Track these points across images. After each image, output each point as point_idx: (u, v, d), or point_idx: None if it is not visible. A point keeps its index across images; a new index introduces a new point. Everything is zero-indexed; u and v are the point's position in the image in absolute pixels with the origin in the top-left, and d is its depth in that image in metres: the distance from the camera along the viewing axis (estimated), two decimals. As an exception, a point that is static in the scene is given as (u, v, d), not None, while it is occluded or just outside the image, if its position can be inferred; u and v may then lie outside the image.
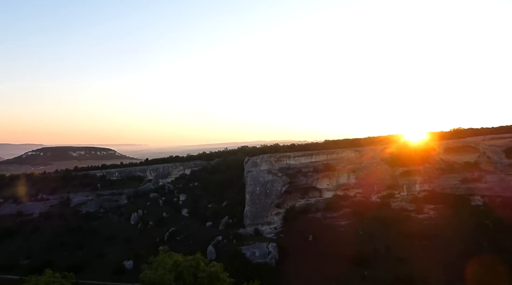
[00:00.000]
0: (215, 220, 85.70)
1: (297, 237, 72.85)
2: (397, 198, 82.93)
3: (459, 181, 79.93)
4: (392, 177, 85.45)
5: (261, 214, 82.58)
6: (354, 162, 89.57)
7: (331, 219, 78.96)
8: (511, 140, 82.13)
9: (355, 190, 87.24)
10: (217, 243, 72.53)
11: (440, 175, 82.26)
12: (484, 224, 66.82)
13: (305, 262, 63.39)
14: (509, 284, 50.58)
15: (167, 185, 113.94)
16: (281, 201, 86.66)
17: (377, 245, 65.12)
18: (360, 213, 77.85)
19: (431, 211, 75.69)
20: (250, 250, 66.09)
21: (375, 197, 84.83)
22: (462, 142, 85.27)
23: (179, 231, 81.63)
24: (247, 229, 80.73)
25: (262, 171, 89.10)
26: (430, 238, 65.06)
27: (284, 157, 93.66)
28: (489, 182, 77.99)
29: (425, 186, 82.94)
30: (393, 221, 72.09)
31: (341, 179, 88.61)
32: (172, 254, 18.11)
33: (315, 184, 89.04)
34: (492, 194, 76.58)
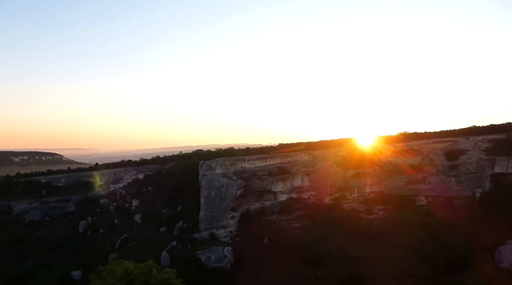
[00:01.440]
0: (170, 225, 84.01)
1: (253, 240, 73.18)
2: (348, 200, 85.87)
3: (405, 182, 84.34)
4: (344, 179, 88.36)
5: (216, 218, 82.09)
6: (307, 165, 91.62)
7: (285, 222, 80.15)
8: (451, 144, 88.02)
9: (309, 193, 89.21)
10: (171, 248, 71.11)
11: (388, 177, 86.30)
12: (427, 223, 70.98)
13: (260, 265, 63.75)
14: (448, 278, 54.04)
15: (119, 190, 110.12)
16: (236, 204, 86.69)
17: (330, 245, 66.93)
18: (313, 215, 79.73)
19: (380, 211, 79.18)
20: (205, 255, 65.41)
21: (328, 199, 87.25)
22: (407, 145, 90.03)
23: (132, 237, 79.12)
24: (203, 233, 79.91)
25: (217, 175, 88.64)
26: (379, 237, 67.99)
27: (239, 160, 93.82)
28: (431, 183, 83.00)
29: (374, 188, 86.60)
30: (345, 221, 74.55)
31: (295, 182, 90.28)
32: (123, 262, 17.51)
33: (270, 187, 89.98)
34: (434, 194, 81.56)
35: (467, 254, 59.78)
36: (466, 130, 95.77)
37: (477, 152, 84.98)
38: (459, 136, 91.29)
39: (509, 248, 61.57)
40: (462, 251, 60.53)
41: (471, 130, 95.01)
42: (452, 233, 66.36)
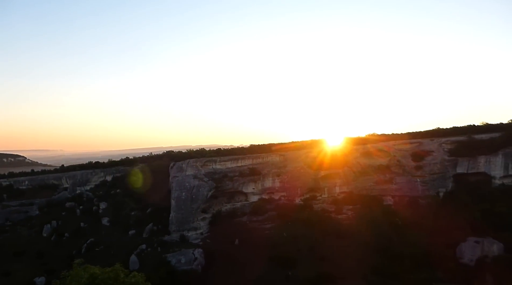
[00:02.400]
0: (139, 228, 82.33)
1: (224, 242, 72.92)
2: (319, 200, 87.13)
3: (374, 182, 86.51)
4: (314, 180, 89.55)
5: (187, 220, 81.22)
6: (278, 166, 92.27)
7: (257, 223, 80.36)
8: (416, 145, 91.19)
9: (280, 193, 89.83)
10: (140, 252, 69.71)
11: (357, 177, 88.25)
12: (394, 222, 73.17)
13: (231, 266, 63.62)
14: (414, 275, 55.87)
15: (86, 193, 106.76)
16: (207, 205, 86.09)
17: (300, 245, 67.64)
18: (284, 215, 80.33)
19: (349, 211, 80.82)
20: (175, 257, 64.56)
21: (298, 199, 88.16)
22: (376, 147, 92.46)
23: (99, 241, 76.94)
24: (173, 235, 78.84)
25: (188, 176, 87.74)
26: (348, 236, 69.41)
27: (210, 162, 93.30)
28: (398, 183, 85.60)
29: (344, 188, 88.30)
30: (315, 222, 75.59)
31: (267, 183, 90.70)
32: (88, 267, 16.97)
33: (241, 188, 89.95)
34: (401, 194, 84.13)
35: (431, 251, 62.00)
36: (431, 132, 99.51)
37: (441, 153, 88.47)
38: (424, 138, 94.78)
39: (470, 245, 64.41)
40: (426, 248, 62.73)
41: (436, 132, 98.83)
42: (417, 231, 68.65)
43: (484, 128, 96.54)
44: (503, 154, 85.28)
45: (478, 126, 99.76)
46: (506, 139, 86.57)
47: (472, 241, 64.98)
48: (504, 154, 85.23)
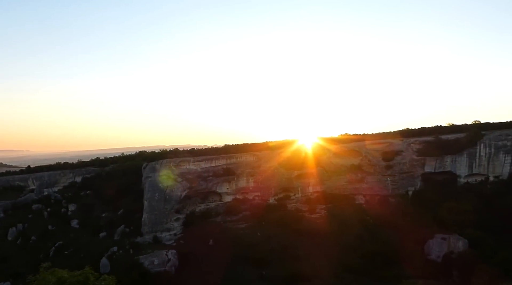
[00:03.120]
0: (110, 230, 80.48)
1: (198, 242, 72.36)
2: (292, 200, 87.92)
3: (346, 182, 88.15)
4: (288, 180, 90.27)
5: (160, 221, 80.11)
6: (252, 166, 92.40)
7: (231, 223, 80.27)
8: (387, 145, 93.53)
9: (254, 193, 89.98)
10: (111, 254, 68.15)
11: (330, 177, 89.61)
12: (366, 220, 74.89)
13: (205, 267, 63.26)
14: (384, 271, 57.37)
15: (54, 195, 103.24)
16: (181, 206, 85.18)
17: (274, 245, 68.10)
18: (258, 215, 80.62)
19: (322, 210, 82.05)
20: (148, 259, 63.53)
21: (272, 199, 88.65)
22: (348, 147, 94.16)
23: (68, 244, 74.65)
24: (146, 237, 77.55)
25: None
26: (321, 235, 70.44)
27: (184, 162, 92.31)
28: (369, 182, 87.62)
29: (317, 188, 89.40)
30: (289, 221, 76.28)
31: (241, 183, 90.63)
32: (56, 271, 16.41)
33: (215, 188, 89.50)
34: (372, 193, 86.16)
35: (400, 248, 63.83)
36: (400, 133, 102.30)
37: (410, 152, 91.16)
38: (394, 138, 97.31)
39: (437, 242, 66.80)
40: (396, 245, 64.55)
41: (405, 133, 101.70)
42: (388, 229, 70.54)
43: (450, 129, 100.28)
44: (468, 153, 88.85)
45: (445, 127, 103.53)
46: (470, 140, 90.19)
47: (439, 238, 67.39)
48: (468, 154, 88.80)
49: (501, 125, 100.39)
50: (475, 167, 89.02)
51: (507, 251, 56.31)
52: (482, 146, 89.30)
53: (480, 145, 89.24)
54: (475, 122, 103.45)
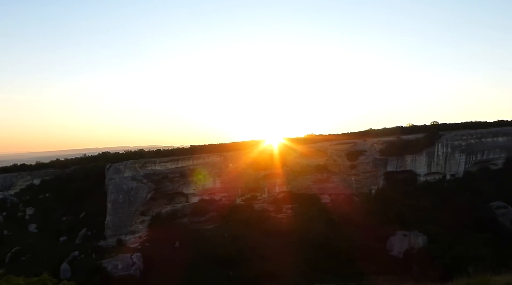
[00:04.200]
0: (71, 234, 77.61)
1: (164, 245, 71.17)
2: (259, 200, 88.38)
3: (312, 182, 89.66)
4: (255, 180, 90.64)
5: (124, 223, 78.11)
6: (219, 167, 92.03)
7: (197, 224, 79.60)
8: (351, 145, 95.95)
9: (221, 194, 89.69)
10: (72, 259, 65.74)
11: (296, 177, 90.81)
12: (331, 219, 76.47)
13: (171, 270, 62.19)
14: (349, 269, 58.87)
15: (10, 198, 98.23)
16: (146, 208, 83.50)
17: (241, 245, 68.06)
18: (225, 216, 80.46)
19: (289, 210, 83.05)
20: (112, 263, 61.76)
21: (239, 199, 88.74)
22: (314, 147, 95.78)
23: (25, 250, 71.28)
24: (109, 240, 75.35)
25: (125, 178, 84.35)
26: (288, 234, 71.19)
27: (150, 163, 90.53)
28: (334, 182, 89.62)
29: (283, 188, 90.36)
30: (256, 221, 76.63)
31: (207, 184, 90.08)
32: (11, 278, 15.63)
33: (181, 189, 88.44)
34: (337, 192, 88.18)
35: (364, 245, 65.69)
36: (364, 133, 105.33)
37: (373, 152, 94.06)
38: (358, 138, 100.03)
39: (398, 238, 69.27)
40: (360, 243, 66.38)
41: (368, 133, 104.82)
42: (352, 227, 72.37)
43: (410, 130, 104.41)
44: (427, 153, 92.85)
45: (406, 127, 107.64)
46: (429, 140, 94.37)
47: (400, 234, 69.93)
48: (427, 153, 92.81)
49: (457, 126, 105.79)
50: (433, 166, 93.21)
51: (461, 246, 59.22)
52: (439, 145, 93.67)
53: (438, 145, 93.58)
54: (433, 123, 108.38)
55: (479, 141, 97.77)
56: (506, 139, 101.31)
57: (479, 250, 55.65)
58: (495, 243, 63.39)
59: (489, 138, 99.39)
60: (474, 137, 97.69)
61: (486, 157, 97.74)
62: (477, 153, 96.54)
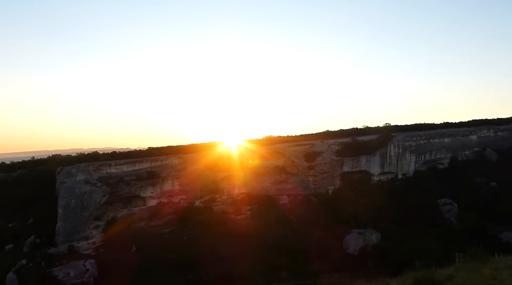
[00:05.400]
0: (18, 241, 73.04)
1: (119, 250, 68.97)
2: (218, 202, 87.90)
3: (270, 183, 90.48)
4: (214, 182, 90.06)
5: (77, 229, 74.72)
6: (178, 169, 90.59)
7: (155, 227, 77.83)
8: (309, 146, 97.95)
9: (180, 196, 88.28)
10: (20, 268, 61.98)
11: (255, 178, 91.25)
12: (289, 219, 77.70)
13: (127, 275, 60.40)
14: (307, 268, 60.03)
15: None
16: (100, 212, 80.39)
17: (200, 248, 67.43)
18: (184, 218, 79.32)
19: (248, 211, 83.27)
20: (63, 271, 59.04)
21: (198, 202, 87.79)
22: (272, 148, 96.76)
23: (-34, 260, 66.29)
24: (60, 247, 71.74)
25: (78, 182, 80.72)
26: (247, 236, 71.40)
27: (105, 165, 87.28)
28: (293, 182, 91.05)
29: (242, 189, 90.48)
30: (215, 223, 76.16)
31: (166, 186, 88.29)
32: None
33: (138, 193, 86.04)
34: (295, 193, 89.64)
35: (321, 244, 67.35)
36: (321, 134, 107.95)
37: (330, 153, 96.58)
38: (315, 139, 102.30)
39: (354, 236, 71.67)
40: (318, 242, 67.99)
41: (325, 135, 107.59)
42: (310, 227, 74.01)
43: (365, 131, 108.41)
44: (380, 153, 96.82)
45: (360, 129, 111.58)
46: (382, 141, 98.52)
47: (356, 232, 72.42)
48: (380, 154, 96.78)
49: (407, 127, 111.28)
50: (386, 166, 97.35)
51: (412, 242, 62.29)
52: (392, 146, 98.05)
53: (390, 146, 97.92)
54: (386, 125, 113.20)
55: (428, 142, 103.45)
56: (451, 140, 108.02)
57: (428, 245, 58.91)
58: (443, 238, 67.37)
59: (437, 140, 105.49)
60: (423, 139, 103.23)
61: (434, 157, 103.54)
62: (425, 153, 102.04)
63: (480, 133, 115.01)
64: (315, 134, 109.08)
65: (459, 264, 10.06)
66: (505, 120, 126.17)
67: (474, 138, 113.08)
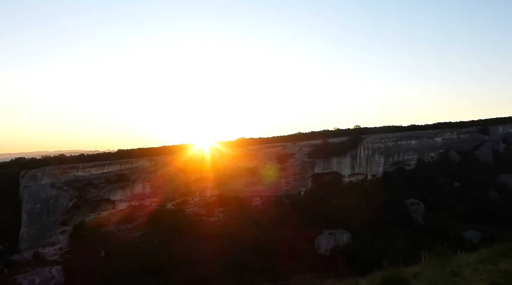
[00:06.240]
0: (-22, 249, 69.59)
1: (87, 255, 66.98)
2: (190, 204, 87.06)
3: (243, 185, 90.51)
4: (186, 184, 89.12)
5: (42, 235, 71.97)
6: (149, 171, 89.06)
7: (125, 231, 76.14)
8: (281, 148, 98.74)
9: (151, 199, 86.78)
10: (-20, 277, 59.05)
11: (228, 180, 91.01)
12: (262, 221, 77.98)
13: (96, 282, 58.78)
14: (279, 268, 60.43)
15: None
16: (67, 217, 77.80)
17: (172, 251, 66.55)
18: (155, 221, 78.04)
19: (220, 213, 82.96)
20: (27, 278, 56.71)
21: (170, 204, 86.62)
22: (244, 150, 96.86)
23: None
24: (24, 254, 68.83)
25: (44, 185, 77.81)
26: (220, 238, 71.11)
27: (72, 168, 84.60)
28: (265, 184, 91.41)
29: (215, 191, 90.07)
30: (187, 226, 75.39)
31: (136, 189, 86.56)
32: None
33: (107, 196, 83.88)
34: (268, 194, 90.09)
35: (293, 245, 67.95)
36: (293, 137, 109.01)
37: (302, 155, 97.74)
38: (287, 141, 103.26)
39: (325, 237, 72.72)
40: (290, 243, 68.55)
41: (297, 137, 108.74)
42: (282, 228, 74.51)
43: (335, 133, 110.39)
44: (350, 155, 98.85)
45: (331, 131, 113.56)
46: (352, 143, 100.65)
47: (327, 233, 73.52)
48: (351, 155, 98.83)
49: (377, 130, 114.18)
50: (356, 167, 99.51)
51: (382, 241, 63.94)
52: (362, 148, 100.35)
53: (360, 148, 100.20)
54: (356, 127, 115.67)
55: (396, 144, 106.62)
56: (418, 142, 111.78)
57: (396, 244, 60.63)
58: (410, 237, 69.51)
59: (404, 142, 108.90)
60: (391, 141, 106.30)
61: (402, 158, 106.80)
62: (394, 155, 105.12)
63: (444, 136, 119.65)
64: (287, 136, 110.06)
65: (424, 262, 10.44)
66: (467, 123, 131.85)
67: (439, 141, 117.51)
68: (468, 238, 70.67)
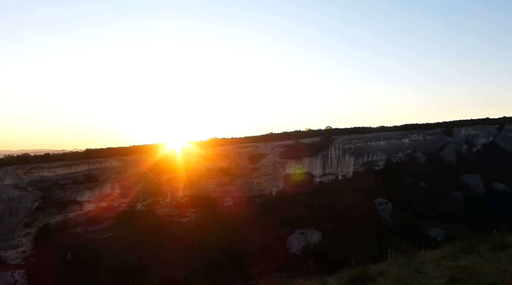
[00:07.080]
0: None
1: (53, 258, 64.66)
2: (161, 205, 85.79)
3: (215, 185, 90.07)
4: (157, 185, 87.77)
5: (4, 237, 68.88)
6: (118, 171, 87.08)
7: (93, 233, 74.10)
8: (253, 148, 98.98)
9: (120, 200, 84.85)
10: None
11: (200, 180, 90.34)
12: (234, 221, 77.86)
13: (61, 285, 56.89)
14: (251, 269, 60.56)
15: None
16: (31, 219, 74.84)
17: (142, 253, 65.31)
18: (125, 223, 76.37)
19: (192, 214, 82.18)
20: (-13, 284, 54.13)
21: (140, 205, 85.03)
22: (217, 150, 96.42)
23: None
24: (-16, 258, 65.73)
25: (6, 186, 74.54)
26: (191, 239, 70.41)
27: (36, 168, 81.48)
28: (237, 184, 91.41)
29: (186, 192, 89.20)
30: (158, 227, 74.18)
31: (105, 190, 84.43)
32: None
33: (74, 197, 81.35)
34: (240, 194, 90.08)
35: (265, 245, 68.24)
36: (265, 137, 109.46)
37: (274, 155, 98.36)
38: (259, 142, 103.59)
39: (296, 236, 73.45)
40: (262, 243, 68.80)
41: (269, 137, 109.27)
42: (254, 228, 74.66)
43: (307, 134, 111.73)
44: (322, 155, 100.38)
45: (303, 131, 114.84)
46: (323, 143, 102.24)
47: (298, 233, 74.27)
48: (322, 156, 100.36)
49: (347, 130, 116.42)
50: (327, 167, 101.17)
51: (351, 240, 65.29)
52: (333, 148, 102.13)
53: (331, 148, 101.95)
54: (327, 128, 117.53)
55: (365, 145, 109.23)
56: (386, 143, 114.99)
57: (364, 243, 62.09)
58: (378, 236, 71.38)
59: (373, 142, 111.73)
60: (361, 141, 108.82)
61: (371, 159, 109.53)
62: (363, 155, 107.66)
63: (411, 137, 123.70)
64: (259, 136, 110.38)
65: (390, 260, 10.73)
66: (432, 125, 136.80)
67: (406, 142, 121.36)
68: (433, 236, 73.37)
